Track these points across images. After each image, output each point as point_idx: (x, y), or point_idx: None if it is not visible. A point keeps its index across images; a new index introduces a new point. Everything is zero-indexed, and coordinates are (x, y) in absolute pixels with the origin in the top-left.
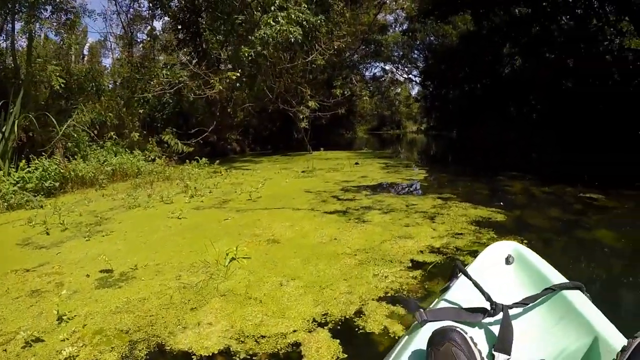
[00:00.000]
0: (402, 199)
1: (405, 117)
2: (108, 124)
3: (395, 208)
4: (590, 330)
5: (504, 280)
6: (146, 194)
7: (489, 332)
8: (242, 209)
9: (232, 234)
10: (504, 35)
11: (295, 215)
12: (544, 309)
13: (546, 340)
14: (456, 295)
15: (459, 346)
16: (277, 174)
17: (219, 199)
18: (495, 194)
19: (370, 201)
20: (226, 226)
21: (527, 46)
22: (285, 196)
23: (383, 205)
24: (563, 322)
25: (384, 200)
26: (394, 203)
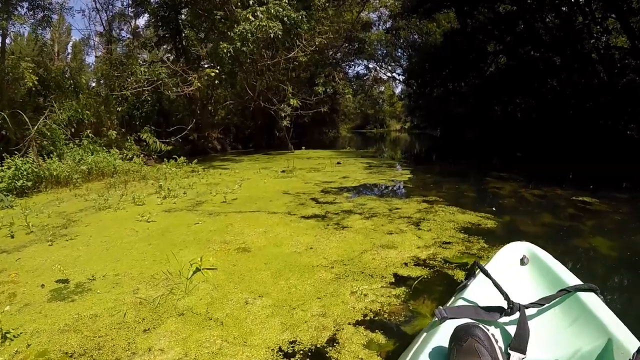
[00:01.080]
0: (385, 201)
1: (389, 115)
2: (85, 122)
3: (378, 212)
4: (604, 332)
5: (519, 281)
6: (119, 195)
7: (505, 331)
8: (214, 212)
9: (200, 240)
10: (489, 33)
11: (270, 220)
12: (558, 309)
13: (560, 340)
14: (474, 294)
15: (482, 342)
16: (256, 174)
17: (192, 200)
18: (483, 196)
19: (351, 204)
20: (195, 231)
21: (511, 44)
22: (261, 198)
23: (365, 209)
24: (577, 324)
25: (366, 204)
26: (377, 207)
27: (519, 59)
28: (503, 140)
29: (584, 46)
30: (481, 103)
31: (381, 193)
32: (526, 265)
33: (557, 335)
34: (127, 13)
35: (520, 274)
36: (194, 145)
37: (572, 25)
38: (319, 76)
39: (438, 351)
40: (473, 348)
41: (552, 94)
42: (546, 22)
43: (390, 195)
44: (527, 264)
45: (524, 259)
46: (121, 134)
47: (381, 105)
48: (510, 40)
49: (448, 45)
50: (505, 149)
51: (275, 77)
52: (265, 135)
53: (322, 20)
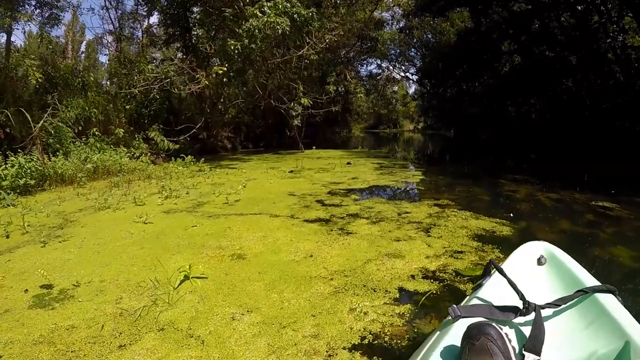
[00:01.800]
0: (395, 205)
1: (402, 115)
2: (93, 120)
3: (386, 217)
4: (621, 334)
5: (536, 281)
6: (121, 194)
7: (519, 331)
8: (214, 214)
9: (195, 245)
10: (503, 33)
11: (271, 223)
12: (575, 311)
13: (576, 342)
14: (489, 293)
15: (495, 341)
16: (262, 174)
17: (194, 201)
18: (498, 200)
19: (358, 207)
20: (191, 235)
21: (526, 44)
22: (265, 200)
23: (372, 213)
24: (594, 325)
25: (374, 207)
26: (385, 210)
27: (534, 59)
28: (517, 141)
29: (600, 46)
30: (495, 103)
31: (391, 195)
32: (543, 266)
33: (573, 337)
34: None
35: (536, 274)
36: (204, 144)
37: (588, 24)
38: (330, 75)
39: (450, 350)
40: (485, 347)
41: (567, 94)
42: (561, 21)
43: (400, 198)
44: (544, 264)
45: (541, 258)
46: (129, 132)
47: (394, 105)
48: (524, 39)
49: (462, 44)
50: (519, 150)
51: (286, 75)
52: (276, 135)
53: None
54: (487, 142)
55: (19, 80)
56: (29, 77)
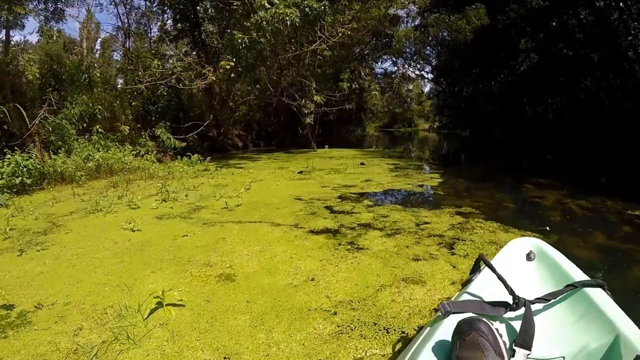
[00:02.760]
0: (412, 213)
1: (417, 114)
2: (98, 116)
3: (403, 228)
4: (611, 328)
5: (525, 276)
6: (117, 195)
7: (510, 326)
8: (210, 222)
9: (180, 260)
10: (520, 30)
11: (271, 234)
12: (565, 305)
13: (567, 337)
14: (479, 288)
15: (486, 336)
16: (270, 175)
17: (191, 205)
18: (524, 208)
19: (372, 216)
20: (179, 247)
21: (544, 42)
22: (268, 205)
23: (387, 223)
24: (584, 320)
25: (389, 215)
26: (402, 220)
27: (551, 57)
28: (533, 141)
29: (620, 44)
30: (512, 102)
31: (407, 201)
32: (533, 261)
33: (563, 331)
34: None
35: (526, 270)
36: (213, 142)
37: (608, 21)
38: (344, 72)
39: (441, 345)
40: (476, 342)
41: (585, 93)
42: (580, 19)
43: (417, 204)
44: (533, 259)
45: (531, 254)
46: (136, 130)
47: (409, 104)
48: (542, 37)
49: (478, 42)
50: (535, 150)
51: (299, 72)
52: (289, 133)
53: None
54: (504, 142)
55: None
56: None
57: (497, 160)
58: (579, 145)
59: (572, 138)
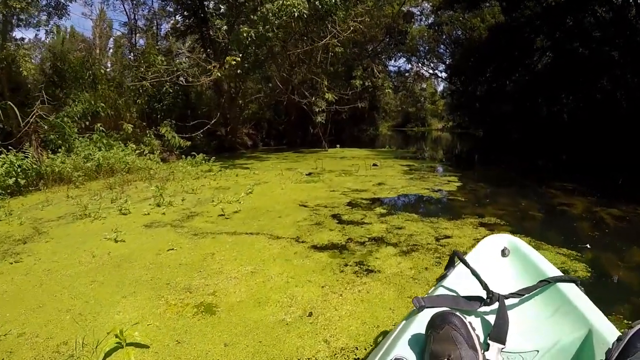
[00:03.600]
0: (430, 224)
1: (431, 114)
2: (102, 114)
3: (420, 243)
4: (584, 322)
5: (500, 272)
6: (112, 198)
7: (484, 321)
8: (202, 232)
9: (158, 282)
10: (536, 29)
11: (267, 250)
12: (539, 300)
13: (541, 331)
14: (453, 284)
15: (459, 330)
16: (277, 176)
17: (186, 211)
18: (552, 218)
19: (384, 227)
20: (161, 264)
21: (559, 40)
22: (269, 212)
23: (402, 237)
24: (558, 314)
25: (404, 227)
26: (419, 232)
27: (567, 56)
28: (548, 141)
29: (639, 41)
30: (528, 102)
31: (424, 209)
32: (507, 257)
33: (537, 325)
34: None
35: (500, 266)
36: (221, 141)
37: (626, 19)
38: (356, 69)
39: (415, 339)
40: (449, 335)
41: (601, 93)
42: (597, 16)
43: (435, 213)
44: (508, 255)
45: (505, 250)
46: (141, 128)
47: (423, 103)
48: (558, 35)
49: (493, 41)
50: (550, 150)
51: (310, 69)
52: (300, 132)
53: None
54: (519, 142)
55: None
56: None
57: (514, 161)
58: (594, 145)
59: (588, 138)
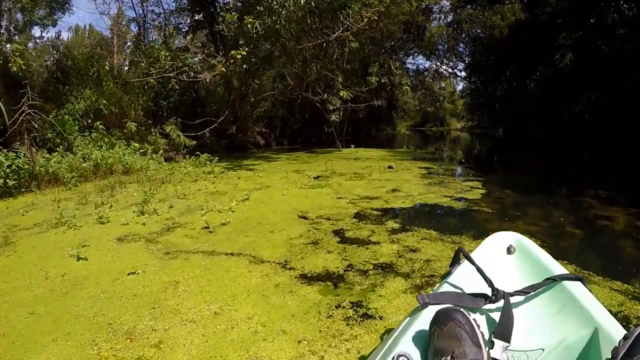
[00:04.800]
0: (452, 245)
1: (450, 113)
2: (104, 112)
3: (439, 273)
4: (590, 321)
5: (505, 270)
6: (97, 203)
7: (489, 318)
8: (176, 251)
9: (100, 321)
10: (558, 26)
11: (244, 279)
12: (544, 298)
13: (546, 329)
14: (458, 281)
15: (463, 326)
16: (281, 180)
17: (169, 221)
18: (594, 237)
19: (395, 249)
20: (113, 294)
21: (582, 38)
22: (261, 226)
23: (416, 263)
24: (563, 312)
25: (420, 249)
26: (438, 257)
27: (590, 54)
28: (570, 141)
29: None
30: (548, 101)
31: (444, 224)
32: (513, 255)
33: (542, 323)
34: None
35: (506, 263)
36: (231, 140)
37: None
38: (372, 65)
39: (419, 335)
40: (453, 332)
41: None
42: (621, 12)
43: (458, 228)
44: (513, 253)
45: (511, 248)
46: (147, 126)
47: (442, 103)
48: (581, 33)
49: (513, 39)
50: (572, 150)
51: (324, 66)
52: (315, 131)
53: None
54: (540, 142)
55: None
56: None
57: (536, 161)
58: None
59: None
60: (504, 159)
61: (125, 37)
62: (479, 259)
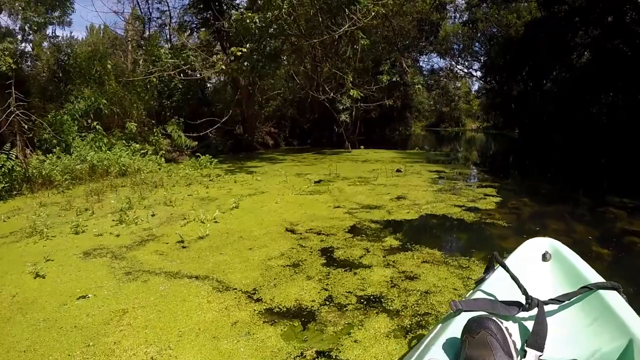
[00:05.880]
0: (458, 270)
1: (465, 114)
2: (105, 111)
3: (437, 309)
4: (625, 332)
5: (540, 277)
6: (83, 208)
7: (522, 326)
8: (137, 270)
9: None
10: (575, 26)
11: (197, 315)
12: (579, 307)
13: (579, 339)
14: (491, 287)
15: (495, 335)
16: (279, 185)
17: (145, 232)
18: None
19: (388, 275)
20: (53, 323)
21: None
22: (242, 240)
23: (410, 296)
24: (598, 322)
25: (419, 275)
26: (439, 287)
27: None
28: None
29: None
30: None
31: (452, 240)
32: (548, 262)
33: (576, 333)
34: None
35: (541, 270)
36: (238, 140)
37: None
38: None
39: (450, 343)
40: (485, 341)
41: None
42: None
43: (467, 246)
44: (549, 260)
45: (546, 254)
46: (149, 126)
47: (457, 103)
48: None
49: (529, 37)
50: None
51: (334, 64)
52: (327, 131)
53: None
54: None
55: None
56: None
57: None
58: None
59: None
60: (520, 161)
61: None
62: (513, 266)
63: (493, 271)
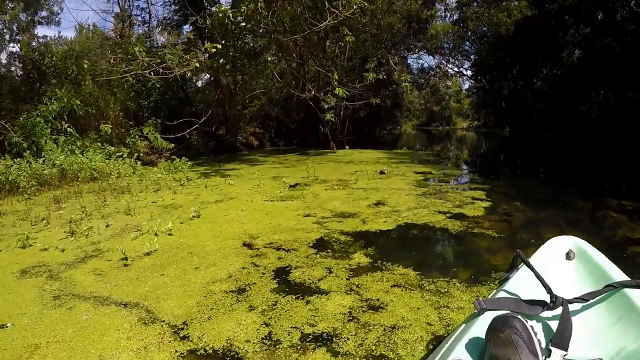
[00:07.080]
0: (435, 296)
1: (456, 113)
2: (79, 113)
3: (401, 355)
4: None
5: (564, 275)
6: (40, 218)
7: (546, 325)
8: (68, 294)
9: None
10: (565, 24)
11: (114, 353)
12: (604, 306)
13: (604, 338)
14: (515, 286)
15: (520, 334)
16: (251, 189)
17: (92, 247)
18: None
19: (347, 305)
20: None
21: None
22: (191, 257)
23: (370, 332)
24: (623, 321)
25: (385, 304)
26: (408, 321)
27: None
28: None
29: None
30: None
31: (431, 256)
32: (572, 260)
33: (601, 332)
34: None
35: (565, 269)
36: (220, 141)
37: None
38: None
39: (475, 342)
40: (510, 339)
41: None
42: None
43: (448, 264)
44: (573, 258)
45: (570, 253)
46: (126, 128)
47: (447, 102)
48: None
49: (520, 36)
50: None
51: (319, 62)
52: (314, 131)
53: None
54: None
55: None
56: None
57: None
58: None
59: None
60: (511, 160)
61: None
62: (537, 264)
63: (517, 270)
